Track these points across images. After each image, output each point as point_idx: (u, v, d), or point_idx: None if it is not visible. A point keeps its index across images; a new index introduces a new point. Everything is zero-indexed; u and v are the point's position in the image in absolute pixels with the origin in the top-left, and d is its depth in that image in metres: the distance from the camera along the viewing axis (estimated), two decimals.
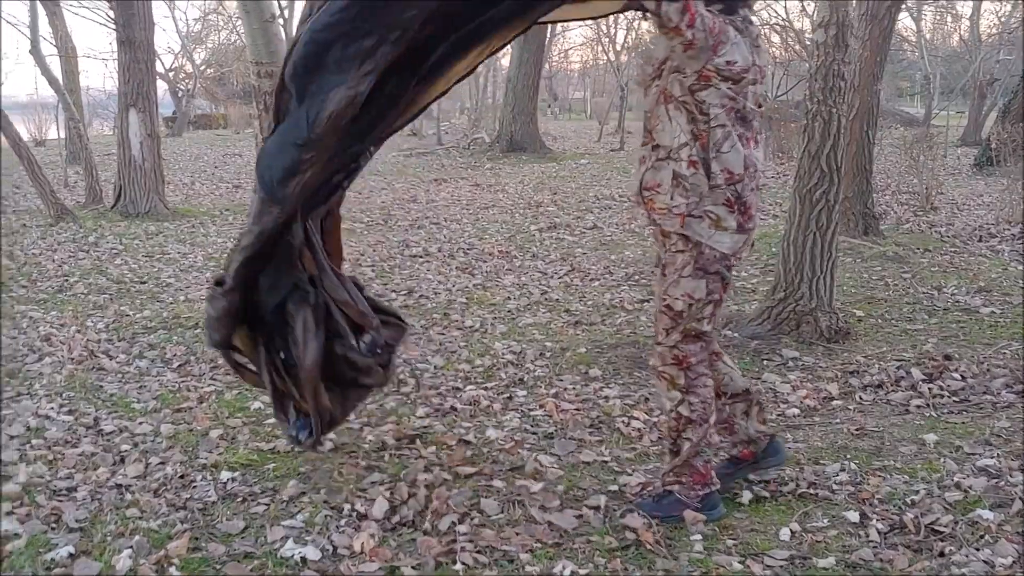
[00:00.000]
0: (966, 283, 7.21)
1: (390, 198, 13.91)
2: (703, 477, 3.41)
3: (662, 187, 3.24)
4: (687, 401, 3.34)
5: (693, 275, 3.25)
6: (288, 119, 3.16)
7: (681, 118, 3.19)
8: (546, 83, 36.73)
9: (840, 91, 5.62)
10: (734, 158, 3.19)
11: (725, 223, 3.21)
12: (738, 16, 3.21)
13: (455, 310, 6.87)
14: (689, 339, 3.31)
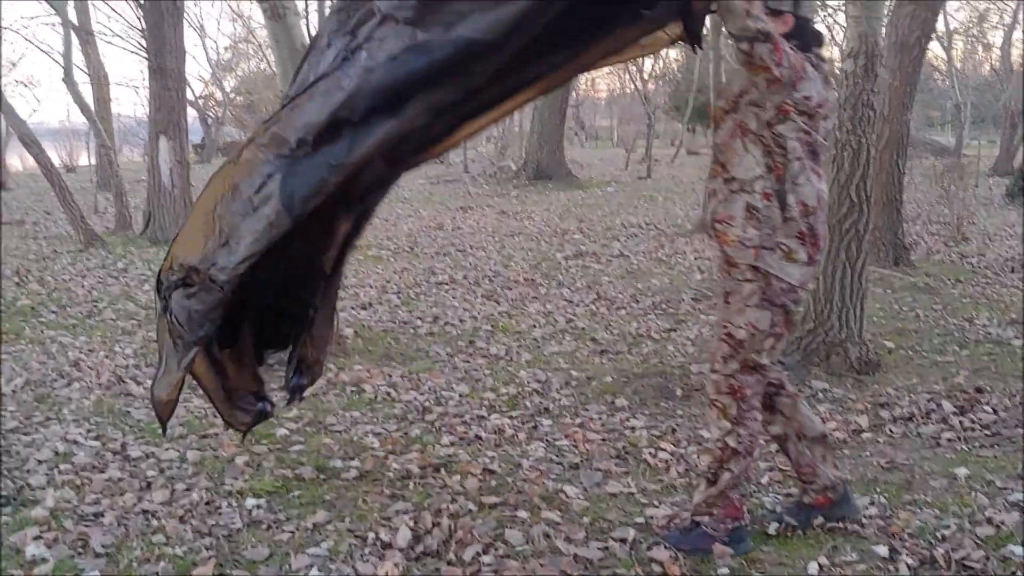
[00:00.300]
0: (998, 315, 7.13)
1: (416, 225, 13.98)
2: (736, 511, 3.38)
3: (735, 219, 3.23)
4: (736, 432, 3.30)
5: (759, 305, 3.23)
6: (330, 144, 3.14)
7: (757, 151, 3.18)
8: (573, 111, 36.85)
9: (869, 121, 5.60)
10: (808, 191, 3.20)
11: (796, 255, 3.20)
12: (812, 53, 3.24)
13: (480, 337, 6.87)
14: (747, 370, 3.29)
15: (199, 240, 3.28)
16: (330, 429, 4.86)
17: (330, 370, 5.84)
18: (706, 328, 7.04)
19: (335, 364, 5.97)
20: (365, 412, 5.15)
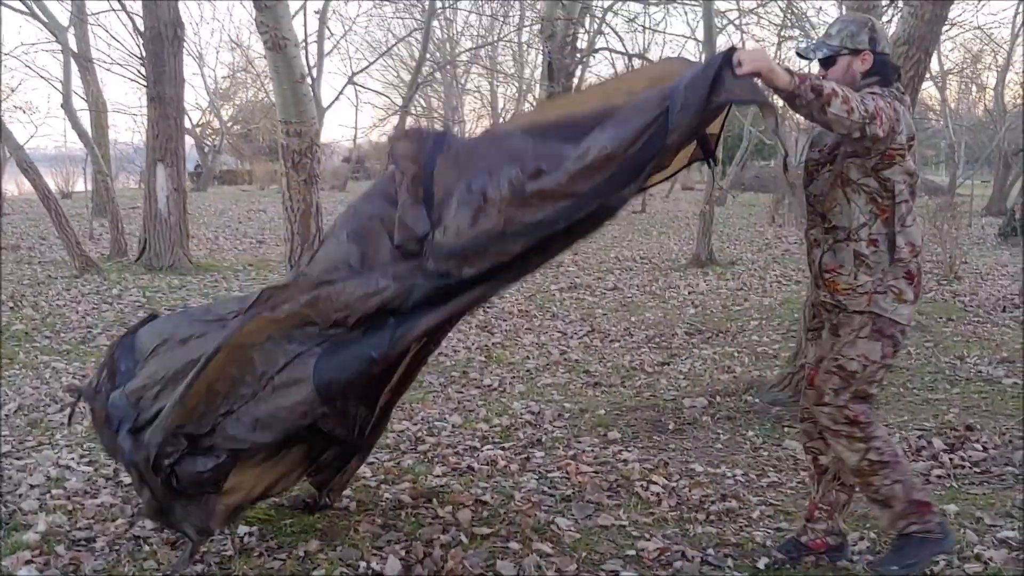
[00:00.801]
0: (989, 353, 7.17)
1: None
2: (929, 505, 3.41)
3: (844, 268, 3.30)
4: (873, 447, 3.34)
5: (870, 336, 3.27)
6: (372, 332, 3.15)
7: (860, 200, 3.25)
8: None
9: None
10: (915, 232, 3.29)
11: (905, 296, 3.28)
12: (894, 88, 3.31)
13: (474, 368, 6.89)
14: (857, 399, 3.33)
15: (199, 410, 3.19)
16: None
17: None
18: (699, 362, 7.07)
19: None
20: None
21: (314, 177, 6.14)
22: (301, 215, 6.12)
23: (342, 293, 3.10)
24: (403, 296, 3.09)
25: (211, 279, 11.14)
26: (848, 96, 2.94)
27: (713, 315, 9.18)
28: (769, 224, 19.57)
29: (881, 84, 3.28)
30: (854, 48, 3.31)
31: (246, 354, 3.14)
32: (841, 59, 3.33)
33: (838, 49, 3.34)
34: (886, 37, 3.41)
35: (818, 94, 2.90)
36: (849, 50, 3.31)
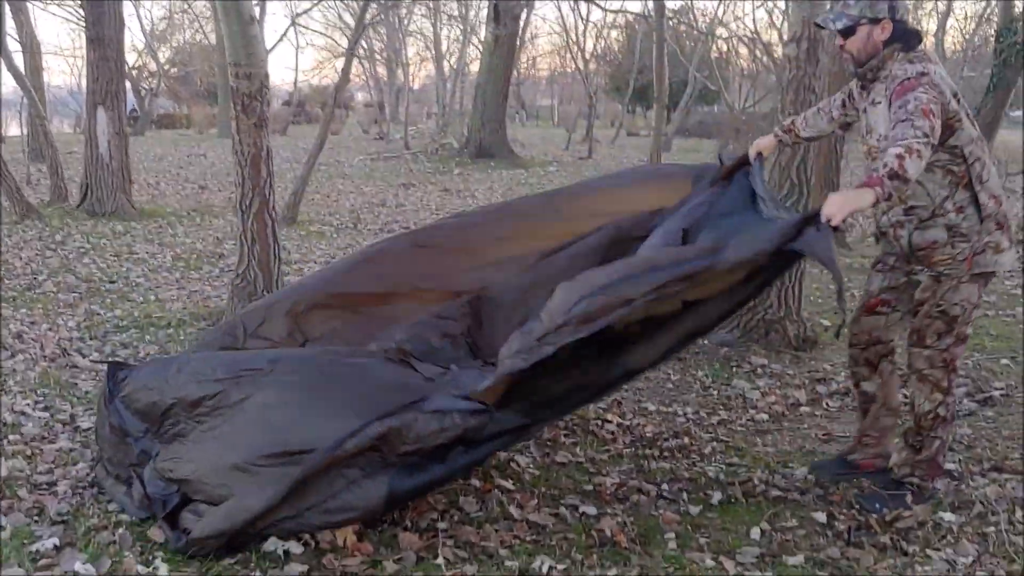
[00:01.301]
0: None
1: (359, 201, 13.94)
2: (940, 470, 3.61)
3: (938, 243, 3.38)
4: (946, 403, 3.50)
5: (971, 280, 3.39)
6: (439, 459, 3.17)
7: (935, 176, 3.33)
8: (514, 90, 36.86)
9: (811, 104, 5.74)
10: (994, 182, 3.37)
11: (1002, 246, 3.38)
12: (916, 52, 3.35)
13: None
14: (959, 343, 3.47)
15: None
16: None
17: None
18: None
19: None
20: None
21: (264, 120, 6.07)
22: (251, 159, 6.06)
23: (413, 428, 3.10)
24: (478, 429, 3.14)
25: (155, 225, 10.97)
26: (908, 146, 2.99)
27: None
28: None
29: (904, 50, 3.34)
30: (874, 17, 3.35)
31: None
32: (861, 28, 3.38)
33: (857, 19, 3.38)
34: (905, 5, 3.46)
35: (896, 177, 2.96)
36: (869, 19, 3.36)
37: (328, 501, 3.05)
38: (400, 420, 3.09)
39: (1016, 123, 31.22)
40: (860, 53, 3.41)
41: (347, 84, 17.59)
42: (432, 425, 3.08)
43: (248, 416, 3.29)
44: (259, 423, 3.26)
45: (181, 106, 38.84)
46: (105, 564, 3.04)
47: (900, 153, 2.98)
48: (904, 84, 3.21)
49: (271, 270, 6.26)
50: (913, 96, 3.13)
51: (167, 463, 3.32)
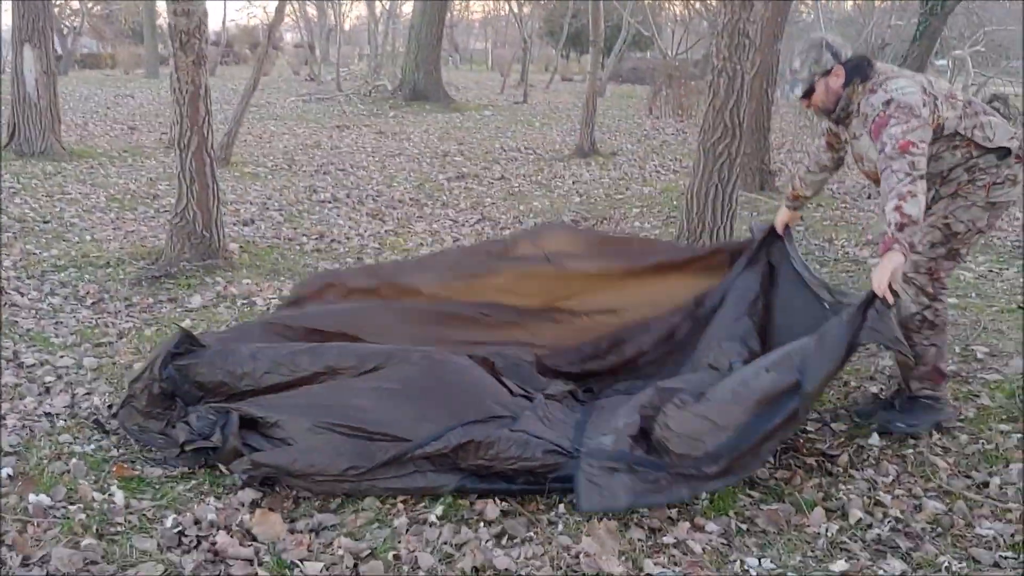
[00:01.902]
0: (855, 236, 7.65)
1: (292, 143, 13.80)
2: (945, 376, 3.79)
3: (961, 181, 3.57)
4: (933, 308, 3.66)
5: (984, 207, 3.58)
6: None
7: (946, 157, 3.55)
8: (447, 32, 36.50)
9: (745, 48, 5.85)
10: (1002, 131, 3.54)
11: (1019, 178, 3.59)
12: (871, 79, 3.53)
13: (368, 255, 6.98)
14: (949, 258, 3.65)
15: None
16: None
17: (218, 284, 5.88)
18: None
19: (222, 277, 6.02)
20: None
21: (203, 58, 6.03)
22: (190, 97, 6.03)
23: (494, 446, 3.18)
24: (551, 469, 3.20)
25: (87, 165, 10.76)
26: (900, 195, 3.21)
27: (597, 204, 9.44)
28: (647, 116, 19.88)
29: (863, 80, 3.54)
30: (824, 71, 3.58)
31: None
32: (818, 84, 3.61)
33: (811, 79, 3.60)
34: (843, 44, 3.66)
35: (904, 227, 3.19)
36: (820, 73, 3.58)
37: (392, 481, 3.18)
38: (484, 434, 3.21)
39: (942, 71, 31.97)
40: (826, 103, 3.65)
41: (281, 23, 17.28)
42: (512, 450, 3.18)
43: (332, 392, 3.49)
44: (340, 400, 3.43)
45: (105, 46, 37.73)
46: (60, 492, 3.11)
47: (896, 205, 3.22)
48: (876, 123, 3.41)
49: (210, 209, 6.25)
50: (887, 135, 3.33)
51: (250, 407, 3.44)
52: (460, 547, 2.88)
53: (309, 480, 3.19)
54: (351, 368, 3.57)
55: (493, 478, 3.19)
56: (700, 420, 3.16)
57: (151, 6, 30.37)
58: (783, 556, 2.90)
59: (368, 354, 3.64)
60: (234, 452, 3.29)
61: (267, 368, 3.57)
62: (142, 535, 2.90)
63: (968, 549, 2.94)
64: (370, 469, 3.17)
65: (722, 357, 3.86)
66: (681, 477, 3.09)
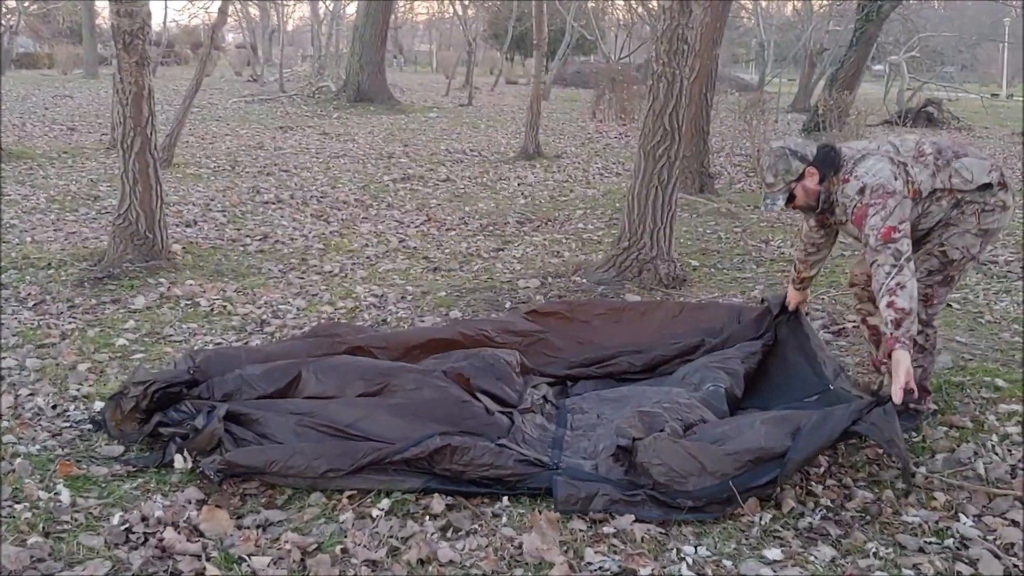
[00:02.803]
0: (791, 237, 7.84)
1: (235, 144, 13.73)
2: (927, 393, 3.89)
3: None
4: (924, 332, 3.73)
5: (977, 234, 3.69)
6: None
7: (935, 209, 3.68)
8: (391, 34, 36.41)
9: (684, 54, 6.01)
10: (978, 168, 3.65)
11: (1008, 203, 3.71)
12: (842, 173, 3.66)
13: (312, 255, 7.00)
14: (944, 284, 3.77)
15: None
16: (169, 340, 4.95)
17: (161, 285, 5.87)
18: (531, 248, 7.43)
19: (166, 278, 6.01)
20: (202, 324, 5.24)
21: (146, 58, 6.02)
22: (133, 98, 6.01)
23: (468, 452, 3.26)
24: (522, 479, 3.27)
25: (25, 166, 10.61)
26: (890, 290, 3.39)
27: (542, 205, 9.55)
28: (591, 119, 20.07)
29: (835, 171, 3.67)
30: (797, 176, 3.69)
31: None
32: (796, 190, 3.72)
33: (788, 188, 3.72)
34: (806, 144, 3.79)
35: (900, 323, 3.37)
36: (795, 180, 3.69)
37: (367, 483, 3.25)
38: (460, 441, 3.29)
39: (878, 76, 32.70)
40: (808, 203, 3.76)
41: (224, 24, 17.16)
42: (486, 457, 3.26)
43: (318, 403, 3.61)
44: (328, 404, 3.57)
45: (42, 45, 37.03)
46: (6, 491, 3.12)
47: (888, 301, 3.40)
48: (856, 215, 3.57)
49: (153, 210, 6.24)
50: (868, 227, 3.50)
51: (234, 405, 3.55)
52: (406, 540, 2.94)
53: (286, 479, 3.25)
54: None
55: (466, 483, 3.26)
56: (689, 459, 3.23)
57: (90, 5, 29.94)
58: (719, 544, 3.00)
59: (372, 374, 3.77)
60: (211, 437, 3.36)
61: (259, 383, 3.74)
62: (89, 533, 2.92)
63: (895, 535, 3.06)
64: (349, 472, 3.24)
65: (703, 378, 3.98)
66: (656, 501, 3.20)
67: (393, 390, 3.68)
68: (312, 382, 3.73)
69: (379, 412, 3.53)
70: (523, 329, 4.52)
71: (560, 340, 4.52)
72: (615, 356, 4.41)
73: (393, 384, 3.69)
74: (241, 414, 3.51)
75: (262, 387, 3.72)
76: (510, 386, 3.87)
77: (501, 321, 4.67)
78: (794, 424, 3.33)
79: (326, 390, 3.69)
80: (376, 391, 3.68)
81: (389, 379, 3.72)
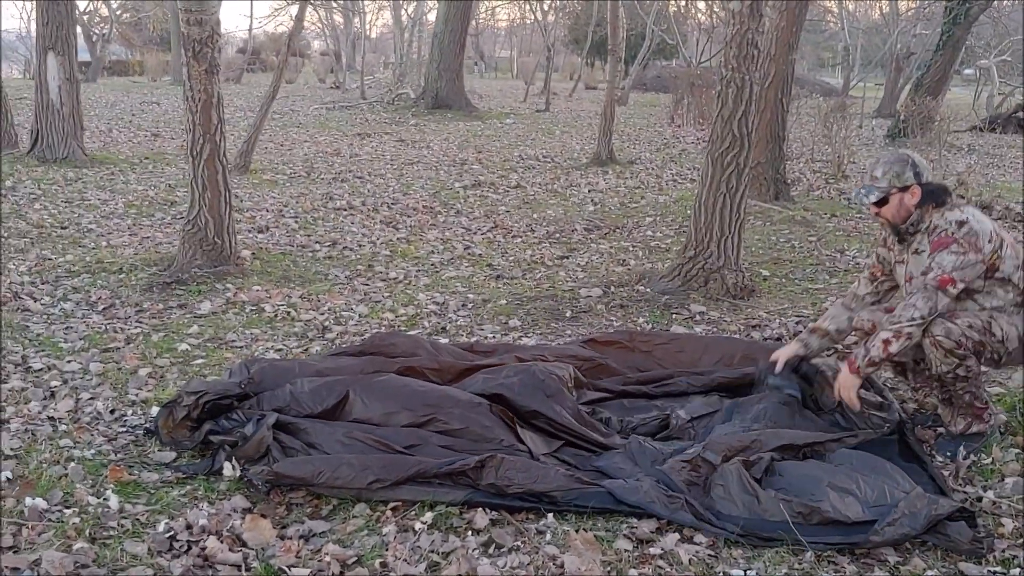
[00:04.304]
0: (867, 247, 7.61)
1: (313, 151, 13.90)
2: (984, 409, 3.74)
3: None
4: (965, 365, 3.58)
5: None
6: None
7: (992, 298, 3.62)
8: (472, 40, 36.62)
9: (754, 59, 5.87)
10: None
11: None
12: (946, 206, 3.63)
13: (379, 262, 7.03)
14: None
15: None
16: (231, 345, 5.00)
17: (228, 290, 5.95)
18: (596, 256, 7.35)
19: (233, 284, 6.08)
20: (265, 330, 5.29)
21: (215, 67, 6.10)
22: (202, 105, 6.11)
23: (504, 469, 3.27)
24: (565, 493, 3.26)
25: (107, 172, 10.90)
26: (899, 331, 3.47)
27: (611, 212, 9.45)
28: (668, 124, 19.85)
29: (937, 206, 3.62)
30: (902, 186, 3.63)
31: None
32: (893, 197, 3.66)
33: (888, 190, 3.65)
34: (927, 167, 3.71)
35: (874, 364, 3.54)
36: (898, 188, 3.63)
37: (410, 494, 3.24)
38: (496, 458, 3.29)
39: (969, 80, 31.74)
40: (895, 217, 3.70)
41: (301, 31, 17.43)
42: (520, 475, 3.25)
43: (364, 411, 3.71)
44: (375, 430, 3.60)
45: (134, 53, 38.16)
46: (56, 496, 3.16)
47: (888, 338, 3.48)
48: (941, 239, 3.53)
49: (222, 216, 6.33)
50: (940, 259, 3.49)
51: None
52: (447, 556, 2.90)
53: (332, 490, 3.26)
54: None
55: (509, 497, 3.23)
56: (756, 503, 3.17)
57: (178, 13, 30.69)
58: (769, 568, 2.89)
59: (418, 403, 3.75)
60: (260, 444, 3.39)
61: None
62: (134, 539, 2.94)
63: (957, 563, 2.91)
64: (394, 484, 3.23)
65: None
66: (691, 508, 3.17)
67: (438, 426, 3.63)
68: (359, 404, 3.72)
69: (427, 444, 3.54)
70: (581, 355, 4.46)
71: (619, 365, 4.46)
72: (673, 376, 4.31)
73: (439, 419, 3.64)
74: (289, 423, 3.53)
75: (309, 406, 3.72)
76: (561, 404, 3.79)
77: (559, 349, 4.61)
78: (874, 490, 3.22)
79: (372, 416, 3.67)
80: (421, 423, 3.64)
81: (436, 412, 3.66)
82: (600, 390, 4.17)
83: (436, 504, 3.18)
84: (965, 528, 3.01)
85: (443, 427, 3.60)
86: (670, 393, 4.20)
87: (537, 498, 3.22)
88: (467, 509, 3.17)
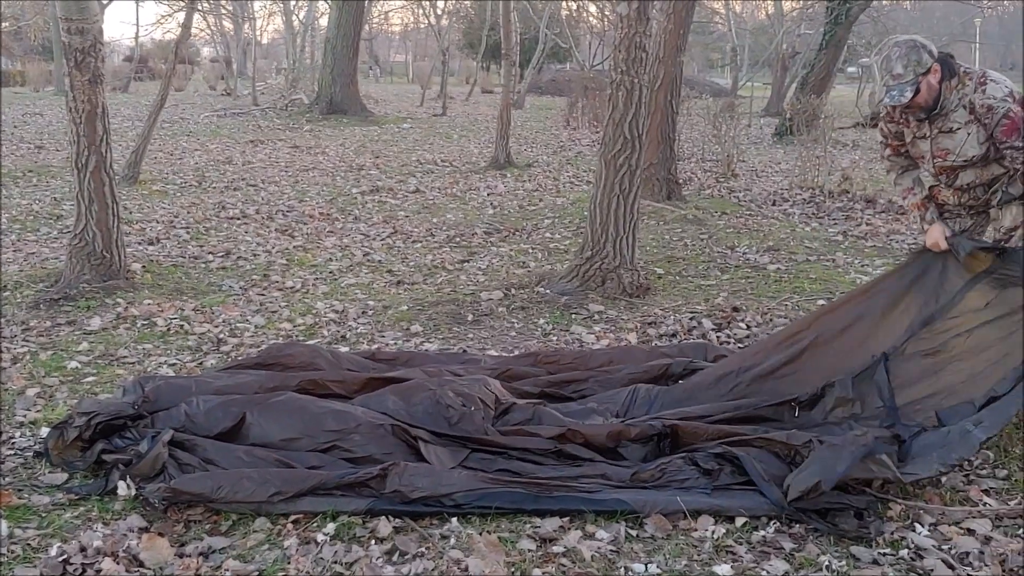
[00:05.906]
0: (757, 243, 7.84)
1: (204, 159, 13.64)
2: None
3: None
4: None
5: None
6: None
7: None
8: (366, 45, 36.36)
9: (642, 62, 5.98)
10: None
11: None
12: (957, 76, 3.80)
13: (275, 271, 6.93)
14: None
15: None
16: (123, 361, 4.87)
17: (119, 305, 5.79)
18: (496, 259, 7.39)
19: (123, 298, 5.93)
20: (158, 344, 5.17)
21: (99, 76, 5.95)
22: (86, 116, 5.94)
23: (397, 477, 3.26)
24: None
25: None
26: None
27: (510, 215, 9.52)
28: (564, 127, 20.07)
29: (949, 77, 3.75)
30: (925, 70, 3.72)
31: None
32: (922, 84, 3.74)
33: (916, 80, 3.73)
34: (930, 42, 3.83)
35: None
36: (923, 73, 3.72)
37: (309, 501, 3.21)
38: (399, 465, 3.28)
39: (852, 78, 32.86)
40: (927, 102, 3.79)
41: (188, 38, 17.07)
42: (424, 480, 3.25)
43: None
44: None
45: (14, 62, 36.79)
46: None
47: None
48: (1011, 122, 3.68)
49: (110, 229, 6.17)
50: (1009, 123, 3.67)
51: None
52: (350, 566, 2.89)
53: (231, 505, 3.20)
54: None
55: (413, 503, 3.22)
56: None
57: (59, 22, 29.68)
58: (669, 561, 2.96)
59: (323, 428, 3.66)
60: (155, 462, 3.30)
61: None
62: (25, 565, 2.85)
63: (849, 548, 3.02)
64: (295, 495, 3.20)
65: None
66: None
67: (339, 453, 3.56)
68: (256, 428, 3.63)
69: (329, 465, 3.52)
70: (491, 366, 4.48)
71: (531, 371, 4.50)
72: (588, 379, 4.37)
73: (339, 447, 3.57)
74: (186, 440, 3.46)
75: (205, 428, 3.62)
76: (468, 429, 3.75)
77: (468, 359, 4.64)
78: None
79: (271, 441, 3.58)
80: (324, 450, 3.57)
81: (337, 440, 3.58)
82: (521, 395, 4.17)
83: (338, 514, 3.16)
84: (851, 518, 3.14)
85: (346, 455, 3.55)
86: (585, 394, 4.26)
87: (440, 502, 3.22)
88: (370, 518, 3.16)
